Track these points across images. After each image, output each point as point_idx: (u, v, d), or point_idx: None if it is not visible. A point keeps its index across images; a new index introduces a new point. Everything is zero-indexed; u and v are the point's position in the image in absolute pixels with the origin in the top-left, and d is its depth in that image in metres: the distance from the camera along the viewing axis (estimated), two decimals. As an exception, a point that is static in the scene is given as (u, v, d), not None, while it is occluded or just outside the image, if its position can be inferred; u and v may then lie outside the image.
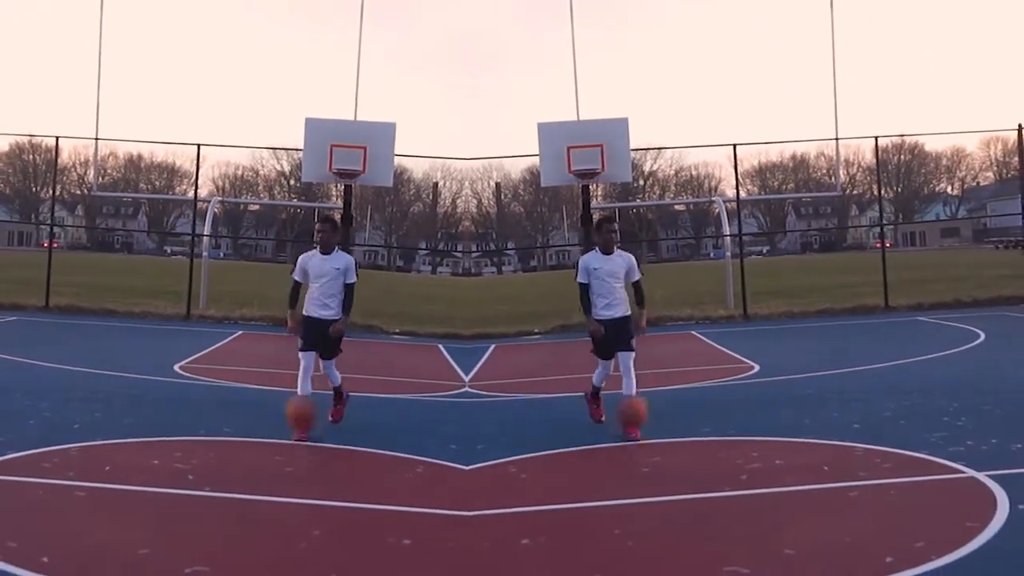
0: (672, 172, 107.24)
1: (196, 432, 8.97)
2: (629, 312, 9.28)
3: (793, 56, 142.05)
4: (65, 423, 9.16)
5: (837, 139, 23.27)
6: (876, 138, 25.98)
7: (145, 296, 26.40)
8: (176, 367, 13.71)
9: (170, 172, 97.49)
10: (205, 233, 28.06)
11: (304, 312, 9.29)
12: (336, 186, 21.47)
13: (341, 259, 9.42)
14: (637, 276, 9.31)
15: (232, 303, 24.79)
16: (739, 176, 26.86)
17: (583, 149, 18.64)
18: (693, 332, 19.67)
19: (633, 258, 9.45)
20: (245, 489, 6.94)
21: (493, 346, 19.39)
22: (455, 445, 9.18)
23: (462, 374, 14.37)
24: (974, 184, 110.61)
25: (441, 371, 15.06)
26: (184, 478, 7.20)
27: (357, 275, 9.46)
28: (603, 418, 9.48)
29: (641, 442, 8.55)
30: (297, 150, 23.05)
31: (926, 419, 9.06)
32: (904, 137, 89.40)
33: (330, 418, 9.54)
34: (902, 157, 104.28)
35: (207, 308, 23.31)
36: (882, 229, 29.77)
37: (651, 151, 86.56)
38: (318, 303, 9.26)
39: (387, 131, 19.26)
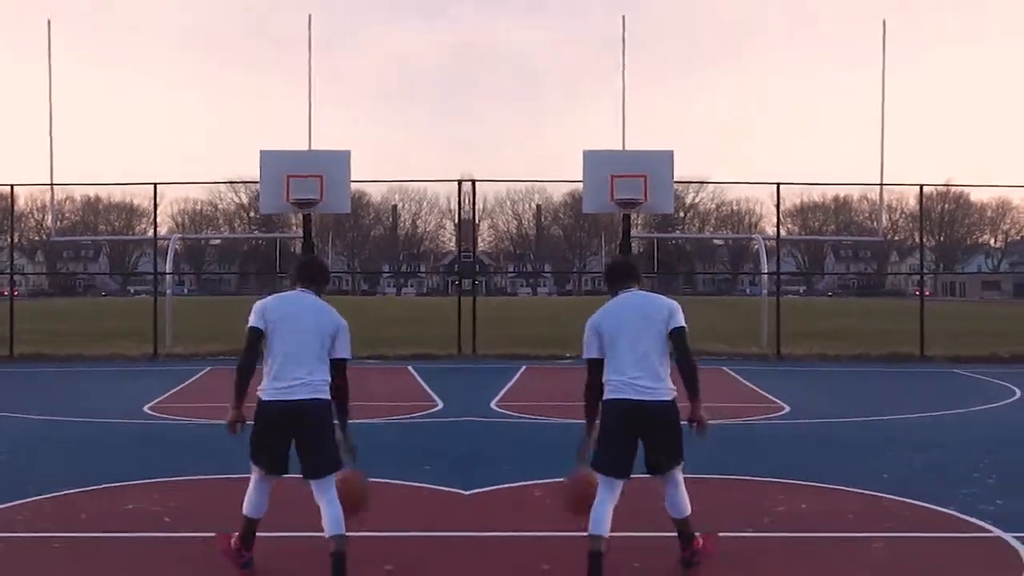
0: (713, 206, 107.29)
1: (171, 473, 8.81)
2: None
3: (840, 99, 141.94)
4: (36, 474, 8.90)
5: (882, 184, 23.11)
6: (921, 186, 25.74)
7: (111, 338, 25.97)
8: (146, 408, 13.51)
9: (128, 212, 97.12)
10: (167, 271, 27.78)
11: None
12: (295, 216, 21.39)
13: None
14: None
15: (199, 339, 24.48)
16: (780, 215, 26.72)
17: (627, 179, 18.67)
18: (724, 368, 19.58)
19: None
20: (224, 527, 6.70)
21: (524, 367, 19.45)
22: (476, 468, 9.22)
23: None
24: (1018, 237, 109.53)
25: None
26: (161, 520, 7.11)
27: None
28: None
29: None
30: (254, 182, 23.09)
31: (956, 474, 8.95)
32: (949, 186, 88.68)
33: None
34: (946, 206, 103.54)
35: (174, 346, 23.08)
36: (922, 277, 29.47)
37: (693, 184, 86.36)
38: None
39: (342, 159, 19.38)
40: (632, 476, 5.67)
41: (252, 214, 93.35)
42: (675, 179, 20.32)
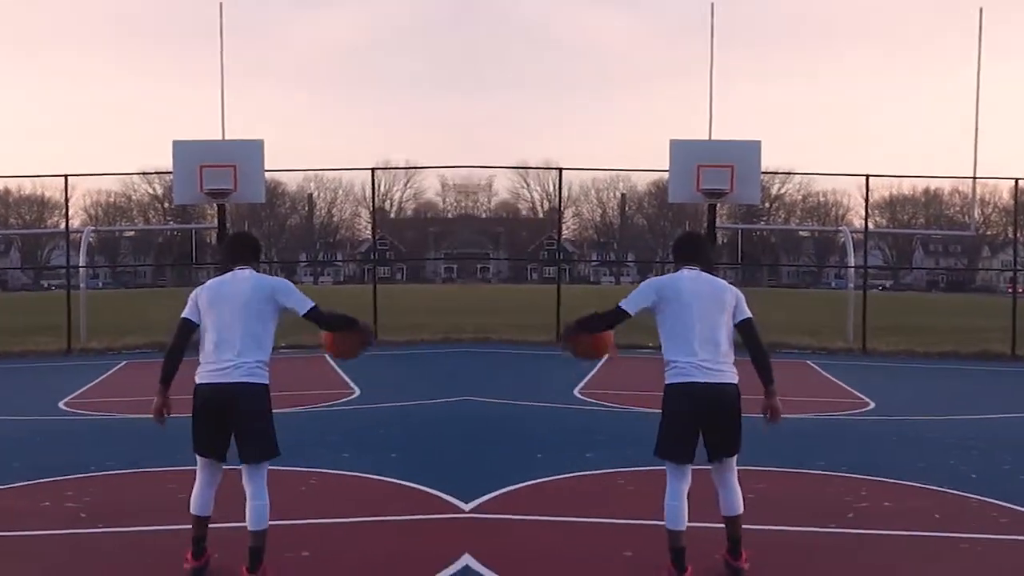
0: (799, 197, 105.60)
1: (87, 469, 8.67)
2: None
3: (934, 89, 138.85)
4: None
5: (975, 178, 22.61)
6: (1016, 180, 25.11)
7: (23, 334, 24.84)
8: (61, 404, 13.20)
9: (40, 205, 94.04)
10: (81, 264, 27.12)
11: None
12: (210, 206, 21.07)
13: None
14: None
15: (114, 333, 24.07)
16: (868, 207, 26.28)
17: (713, 169, 18.55)
18: (808, 362, 19.40)
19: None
20: (140, 521, 6.90)
21: (606, 356, 19.47)
22: (565, 450, 9.31)
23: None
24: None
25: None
26: (77, 517, 7.06)
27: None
28: None
29: (747, 468, 8.46)
30: (167, 173, 22.61)
31: (1047, 476, 8.79)
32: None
33: None
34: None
35: (89, 341, 22.63)
36: (1015, 274, 28.76)
37: (779, 175, 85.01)
38: None
39: (255, 148, 19.20)
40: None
41: (167, 205, 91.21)
42: (762, 170, 20.14)
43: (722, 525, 5.68)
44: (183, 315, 5.56)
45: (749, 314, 5.62)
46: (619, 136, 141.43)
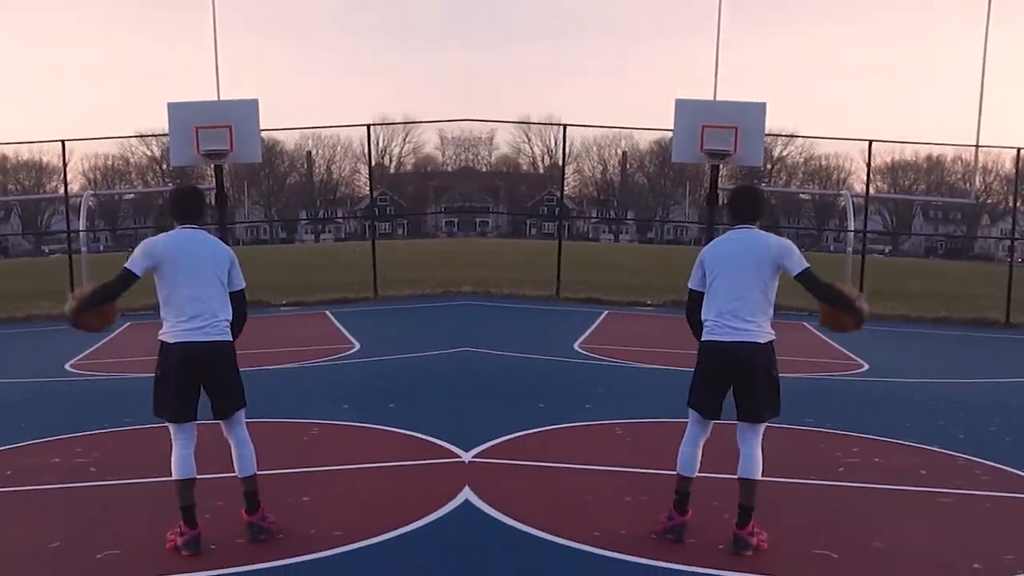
0: (801, 160, 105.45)
1: (94, 426, 8.86)
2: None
3: (939, 55, 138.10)
4: (-47, 437, 8.61)
5: (977, 146, 22.72)
6: (1018, 149, 25.22)
7: (27, 299, 24.70)
8: (67, 366, 13.40)
9: (38, 170, 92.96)
10: (81, 228, 26.43)
11: None
12: (208, 167, 20.88)
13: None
14: None
15: None
16: (871, 172, 26.44)
17: (717, 130, 18.67)
18: (804, 323, 19.61)
19: None
20: (148, 473, 7.04)
21: (606, 312, 19.77)
22: (552, 403, 9.56)
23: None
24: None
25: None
26: (87, 471, 7.28)
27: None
28: None
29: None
30: (164, 135, 22.54)
31: (1032, 439, 9.07)
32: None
33: None
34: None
35: None
36: (1012, 242, 28.93)
37: (783, 137, 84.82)
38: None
39: (251, 108, 19.18)
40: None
41: (165, 167, 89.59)
42: (765, 132, 20.25)
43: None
44: (129, 267, 5.48)
45: (804, 266, 5.53)
46: (622, 94, 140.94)
